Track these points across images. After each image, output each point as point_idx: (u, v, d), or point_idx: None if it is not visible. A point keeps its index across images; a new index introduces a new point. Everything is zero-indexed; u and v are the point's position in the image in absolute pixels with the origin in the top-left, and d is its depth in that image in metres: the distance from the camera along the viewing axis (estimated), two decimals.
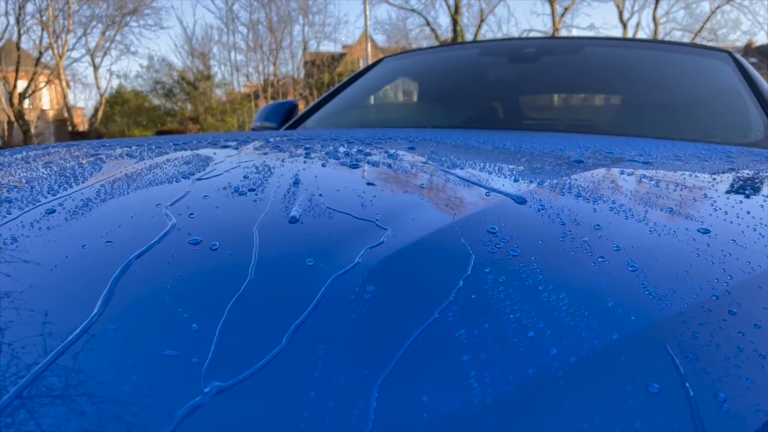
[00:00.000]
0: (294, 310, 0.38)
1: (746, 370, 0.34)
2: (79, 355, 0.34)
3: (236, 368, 0.33)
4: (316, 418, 0.30)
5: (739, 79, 1.71)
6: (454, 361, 0.34)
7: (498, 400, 0.31)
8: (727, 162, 0.94)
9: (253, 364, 0.33)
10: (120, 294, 0.40)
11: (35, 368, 0.33)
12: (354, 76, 2.28)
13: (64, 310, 0.39)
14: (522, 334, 0.36)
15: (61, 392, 0.32)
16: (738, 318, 0.39)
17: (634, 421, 0.30)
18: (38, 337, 0.36)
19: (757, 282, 0.43)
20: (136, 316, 0.38)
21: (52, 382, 0.32)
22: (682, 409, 0.31)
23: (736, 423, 0.30)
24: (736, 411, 0.31)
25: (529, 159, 0.86)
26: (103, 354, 0.35)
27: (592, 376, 0.33)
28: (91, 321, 0.37)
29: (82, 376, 0.33)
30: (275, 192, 0.61)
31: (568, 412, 0.30)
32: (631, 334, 0.36)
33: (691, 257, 0.46)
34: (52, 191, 0.64)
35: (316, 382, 0.32)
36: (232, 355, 0.34)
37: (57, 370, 0.33)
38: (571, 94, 2.38)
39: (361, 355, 0.34)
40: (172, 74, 27.41)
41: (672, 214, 0.57)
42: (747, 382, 0.33)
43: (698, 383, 0.33)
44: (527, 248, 0.47)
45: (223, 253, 0.46)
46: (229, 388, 0.31)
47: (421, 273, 0.43)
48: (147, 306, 0.39)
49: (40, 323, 0.38)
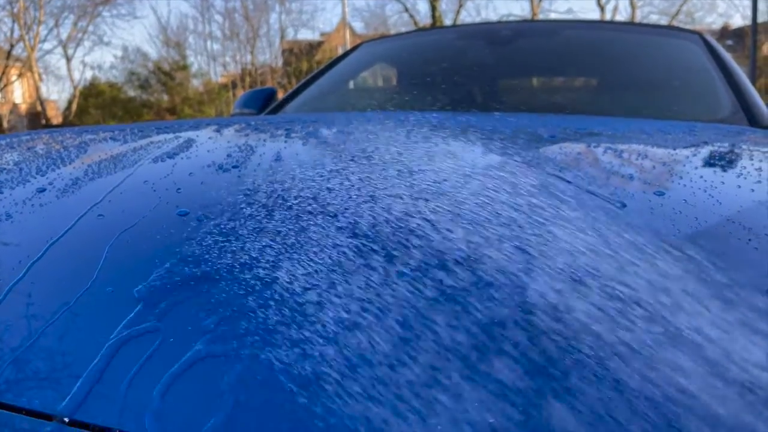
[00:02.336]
0: (269, 269, 0.40)
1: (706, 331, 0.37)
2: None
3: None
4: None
5: (708, 60, 1.76)
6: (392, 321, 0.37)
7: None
8: (689, 135, 0.98)
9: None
10: (115, 260, 0.43)
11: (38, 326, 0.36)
12: (332, 62, 2.30)
13: (63, 277, 0.41)
14: (481, 292, 0.39)
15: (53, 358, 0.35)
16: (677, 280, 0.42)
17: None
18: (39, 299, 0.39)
19: (702, 235, 0.47)
20: (132, 280, 0.41)
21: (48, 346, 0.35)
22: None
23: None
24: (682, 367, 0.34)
25: (500, 136, 0.89)
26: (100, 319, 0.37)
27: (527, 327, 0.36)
28: (91, 285, 0.40)
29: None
30: (256, 169, 0.63)
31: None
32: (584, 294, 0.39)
33: (644, 216, 0.50)
34: (40, 173, 0.66)
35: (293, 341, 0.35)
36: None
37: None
38: (547, 76, 2.42)
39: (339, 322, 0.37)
40: (148, 65, 27.06)
41: (630, 179, 0.61)
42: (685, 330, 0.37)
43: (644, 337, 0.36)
44: (489, 216, 0.50)
45: (207, 223, 0.48)
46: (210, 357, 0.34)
47: (383, 239, 0.46)
48: (140, 272, 0.42)
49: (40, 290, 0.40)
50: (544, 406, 0.30)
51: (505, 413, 0.30)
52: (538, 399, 0.31)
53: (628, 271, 0.41)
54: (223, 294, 0.38)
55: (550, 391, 0.31)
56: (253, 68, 26.67)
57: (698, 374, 0.32)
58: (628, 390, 0.31)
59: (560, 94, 2.30)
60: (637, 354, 0.33)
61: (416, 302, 0.37)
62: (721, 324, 0.37)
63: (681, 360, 0.33)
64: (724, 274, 0.42)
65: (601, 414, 0.30)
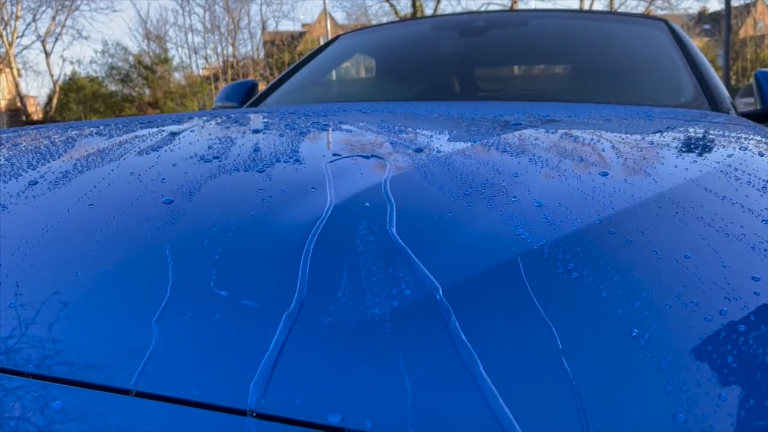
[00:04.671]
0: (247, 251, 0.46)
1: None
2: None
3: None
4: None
5: (673, 46, 1.83)
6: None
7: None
8: (648, 119, 1.05)
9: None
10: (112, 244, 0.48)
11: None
12: (311, 54, 2.35)
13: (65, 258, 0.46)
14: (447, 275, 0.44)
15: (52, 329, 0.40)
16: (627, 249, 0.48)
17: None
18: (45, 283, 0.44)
19: (649, 211, 0.53)
20: (129, 264, 0.46)
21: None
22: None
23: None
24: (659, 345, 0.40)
25: (468, 123, 0.95)
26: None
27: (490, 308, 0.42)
28: (90, 269, 0.45)
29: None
30: (237, 158, 0.68)
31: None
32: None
33: (588, 195, 0.56)
34: (31, 167, 0.70)
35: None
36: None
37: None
38: (519, 64, 2.48)
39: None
40: (128, 58, 26.82)
41: (581, 161, 0.67)
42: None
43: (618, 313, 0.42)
44: (456, 197, 0.55)
45: (191, 208, 0.53)
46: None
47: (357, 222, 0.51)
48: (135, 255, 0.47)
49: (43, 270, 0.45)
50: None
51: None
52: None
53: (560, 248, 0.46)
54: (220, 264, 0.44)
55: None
56: (234, 60, 26.51)
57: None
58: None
59: (532, 81, 2.37)
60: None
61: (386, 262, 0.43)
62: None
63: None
64: (650, 247, 0.47)
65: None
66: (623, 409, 0.32)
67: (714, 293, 0.41)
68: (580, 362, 0.35)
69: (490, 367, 0.34)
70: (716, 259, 0.45)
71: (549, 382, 0.33)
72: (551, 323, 0.37)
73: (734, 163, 0.70)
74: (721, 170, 0.66)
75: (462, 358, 0.34)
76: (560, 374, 0.34)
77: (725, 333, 0.37)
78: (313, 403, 0.32)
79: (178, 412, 0.32)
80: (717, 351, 0.36)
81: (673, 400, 0.32)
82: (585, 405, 0.32)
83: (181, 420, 0.32)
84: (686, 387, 0.33)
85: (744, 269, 0.44)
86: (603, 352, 0.36)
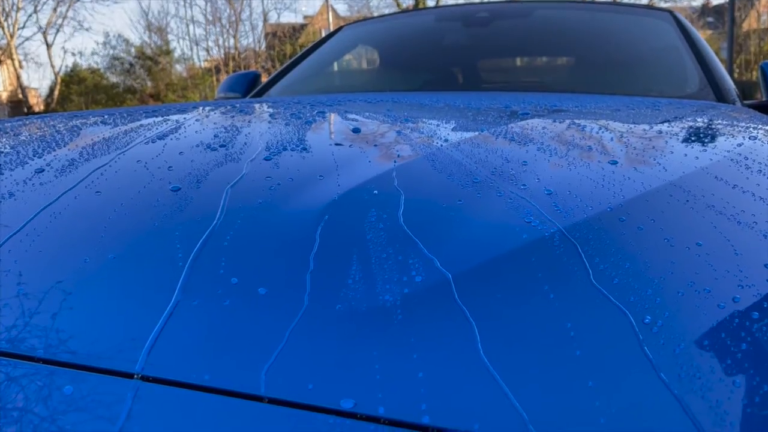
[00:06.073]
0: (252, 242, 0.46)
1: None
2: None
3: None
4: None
5: (679, 37, 1.82)
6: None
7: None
8: (655, 110, 1.04)
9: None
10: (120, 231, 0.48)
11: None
12: (314, 45, 2.33)
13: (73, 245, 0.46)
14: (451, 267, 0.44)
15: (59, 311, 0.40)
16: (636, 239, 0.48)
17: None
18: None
19: (659, 199, 0.53)
20: (136, 250, 0.46)
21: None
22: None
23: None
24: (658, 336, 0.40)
25: (475, 113, 0.94)
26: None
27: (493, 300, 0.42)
28: (98, 256, 0.45)
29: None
30: (244, 146, 0.68)
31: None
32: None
33: (597, 184, 0.55)
34: (37, 155, 0.70)
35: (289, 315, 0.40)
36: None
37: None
38: (523, 55, 2.47)
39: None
40: (130, 50, 26.77)
41: (590, 150, 0.66)
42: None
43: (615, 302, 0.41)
44: (466, 185, 0.55)
45: (198, 196, 0.53)
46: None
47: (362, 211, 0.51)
48: (142, 242, 0.47)
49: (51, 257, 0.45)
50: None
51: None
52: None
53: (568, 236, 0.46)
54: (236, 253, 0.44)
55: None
56: (236, 52, 26.45)
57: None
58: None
59: (537, 72, 2.36)
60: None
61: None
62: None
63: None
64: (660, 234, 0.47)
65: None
66: (638, 395, 0.32)
67: (726, 281, 0.41)
68: (592, 348, 0.34)
69: (502, 353, 0.34)
70: (728, 247, 0.45)
71: (561, 369, 0.33)
72: (563, 310, 0.37)
73: (743, 152, 0.69)
74: (730, 159, 0.65)
75: (473, 344, 0.34)
76: (573, 360, 0.33)
77: (738, 320, 0.37)
78: (326, 388, 0.32)
79: (191, 397, 0.32)
80: (730, 338, 0.36)
81: (687, 387, 0.32)
82: (599, 390, 0.32)
83: (194, 405, 0.32)
84: (700, 374, 0.33)
85: (756, 257, 0.44)
86: (616, 338, 0.35)
